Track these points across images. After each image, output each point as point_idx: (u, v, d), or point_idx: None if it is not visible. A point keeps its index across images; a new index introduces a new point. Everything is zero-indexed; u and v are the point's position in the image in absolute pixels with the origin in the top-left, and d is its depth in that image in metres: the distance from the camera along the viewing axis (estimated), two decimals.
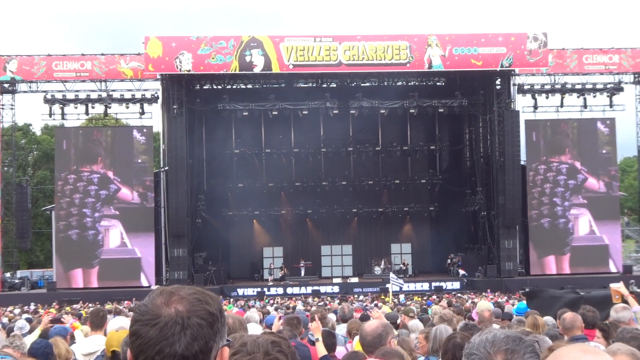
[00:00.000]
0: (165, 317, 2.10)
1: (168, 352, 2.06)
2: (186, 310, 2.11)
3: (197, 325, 2.09)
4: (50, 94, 51.72)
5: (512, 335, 2.56)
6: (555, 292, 14.75)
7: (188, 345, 2.07)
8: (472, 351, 2.53)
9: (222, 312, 2.21)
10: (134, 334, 2.14)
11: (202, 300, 2.16)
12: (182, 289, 2.22)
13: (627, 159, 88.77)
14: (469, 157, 56.36)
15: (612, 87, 53.62)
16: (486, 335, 2.58)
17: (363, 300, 38.36)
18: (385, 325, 6.54)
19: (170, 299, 2.15)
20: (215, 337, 2.13)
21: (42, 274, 61.49)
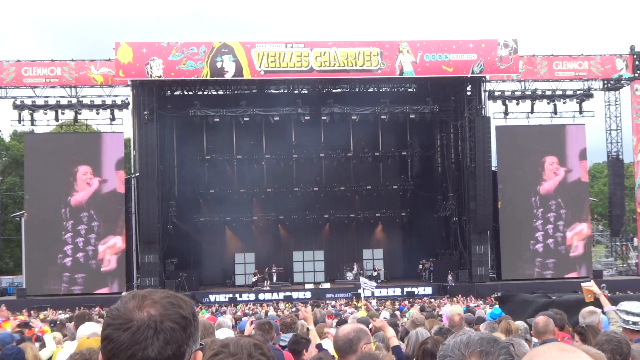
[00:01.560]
0: (137, 321, 2.07)
1: (141, 356, 2.04)
2: (159, 314, 2.09)
3: (170, 329, 2.07)
4: (19, 100, 51.36)
5: (487, 337, 2.56)
6: (527, 297, 14.85)
7: (161, 349, 2.04)
8: (446, 353, 2.53)
9: (195, 316, 2.19)
10: (106, 338, 2.11)
11: (175, 304, 2.14)
12: (155, 292, 2.19)
13: (597, 164, 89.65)
14: (440, 163, 56.55)
15: (582, 94, 54.04)
16: (460, 337, 2.58)
17: (335, 305, 38.34)
18: (358, 330, 6.51)
19: (142, 303, 2.12)
20: (189, 341, 2.11)
21: (11, 280, 60.98)
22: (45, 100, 51.65)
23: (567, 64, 53.96)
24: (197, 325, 2.19)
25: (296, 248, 58.18)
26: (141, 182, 48.58)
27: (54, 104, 51.58)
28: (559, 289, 40.95)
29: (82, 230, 49.97)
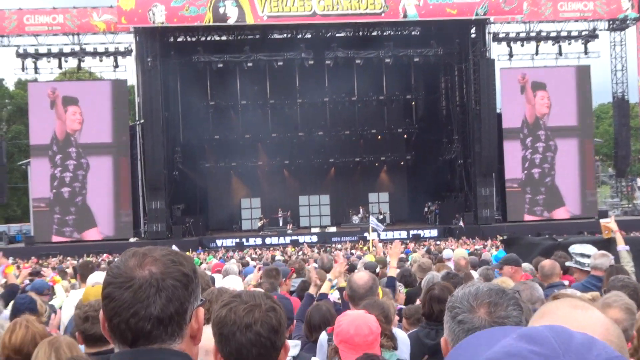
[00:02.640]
0: (139, 280, 2.09)
1: (143, 314, 2.06)
2: (160, 272, 2.11)
3: (171, 286, 2.09)
4: (22, 49, 51.16)
5: (495, 288, 2.62)
6: (533, 239, 14.87)
7: (163, 307, 2.06)
8: (455, 304, 2.59)
9: (196, 272, 2.21)
10: (107, 297, 2.12)
11: (176, 261, 2.15)
12: (155, 250, 2.20)
13: (602, 105, 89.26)
14: (444, 106, 56.28)
15: (587, 34, 53.64)
16: (469, 288, 2.63)
17: (341, 248, 38.49)
18: (374, 277, 6.62)
19: (143, 261, 2.14)
20: (190, 298, 2.13)
21: (19, 228, 61.27)
22: (48, 48, 51.47)
23: (572, 4, 53.49)
24: (198, 282, 2.21)
25: (302, 193, 58.28)
26: (146, 129, 48.50)
27: (57, 51, 51.40)
28: (566, 230, 41.06)
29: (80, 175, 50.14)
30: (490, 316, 2.49)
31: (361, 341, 4.53)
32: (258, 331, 2.94)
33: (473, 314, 2.51)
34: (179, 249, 16.77)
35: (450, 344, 2.56)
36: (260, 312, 2.99)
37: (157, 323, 2.07)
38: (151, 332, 2.07)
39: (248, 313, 2.98)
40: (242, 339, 2.93)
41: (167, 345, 2.10)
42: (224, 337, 2.94)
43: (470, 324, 2.49)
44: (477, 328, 2.46)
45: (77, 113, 50.32)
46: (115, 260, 2.57)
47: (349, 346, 4.55)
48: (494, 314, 2.50)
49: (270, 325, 2.98)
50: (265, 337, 2.94)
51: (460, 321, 2.52)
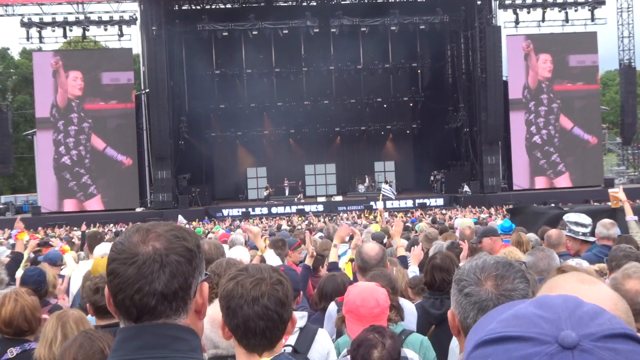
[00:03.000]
0: (143, 255, 2.09)
1: (148, 290, 2.06)
2: (164, 247, 2.10)
3: (175, 262, 2.08)
4: (26, 17, 51.08)
5: (502, 261, 2.62)
6: (538, 208, 14.90)
7: (167, 282, 2.06)
8: (462, 277, 2.59)
9: (199, 247, 2.20)
10: (112, 273, 2.12)
11: (179, 236, 2.14)
12: (159, 225, 2.19)
13: (609, 72, 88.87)
14: (450, 74, 56.13)
15: (594, 1, 53.29)
16: (476, 261, 2.63)
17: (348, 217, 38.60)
18: (383, 249, 6.66)
19: (147, 237, 2.13)
20: (194, 273, 2.13)
21: (26, 198, 61.49)
22: (52, 17, 51.36)
23: None
24: (202, 257, 2.20)
25: (308, 162, 58.29)
26: (151, 98, 48.49)
27: (62, 20, 51.30)
28: (572, 199, 41.08)
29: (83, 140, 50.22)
30: (497, 289, 2.50)
31: (367, 313, 4.55)
32: (265, 304, 2.96)
33: (480, 287, 2.52)
34: (185, 219, 16.93)
35: (457, 317, 2.57)
36: (267, 285, 3.02)
37: (161, 298, 2.07)
38: (155, 307, 2.07)
39: (255, 286, 3.01)
40: (250, 312, 2.95)
41: (171, 320, 2.10)
42: (231, 310, 2.96)
43: (477, 297, 2.50)
44: (484, 301, 2.47)
45: (78, 79, 50.22)
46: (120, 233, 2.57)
47: (355, 317, 4.57)
48: (501, 286, 2.50)
49: (277, 298, 3.00)
50: (272, 310, 2.97)
51: (467, 294, 2.53)
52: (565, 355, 1.19)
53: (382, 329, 4.15)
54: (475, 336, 1.34)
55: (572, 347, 1.19)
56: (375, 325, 4.21)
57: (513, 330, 1.26)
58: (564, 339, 1.20)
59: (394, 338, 4.11)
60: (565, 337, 1.20)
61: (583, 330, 1.22)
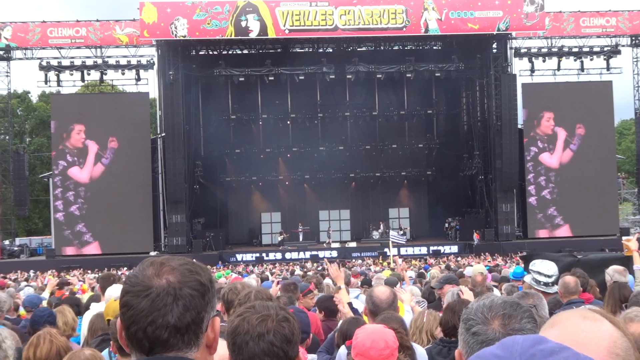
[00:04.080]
0: (157, 288, 2.10)
1: (161, 322, 2.07)
2: (177, 281, 2.11)
3: (189, 295, 2.09)
4: (45, 61, 51.63)
5: (510, 300, 2.60)
6: (552, 255, 14.78)
7: (180, 315, 2.07)
8: (469, 316, 2.57)
9: (212, 282, 2.21)
10: (125, 305, 2.13)
11: (193, 271, 2.16)
12: (173, 259, 2.21)
13: (624, 121, 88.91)
14: (466, 121, 56.32)
15: (609, 50, 53.52)
16: (484, 300, 2.62)
17: (362, 264, 38.47)
18: (394, 292, 6.65)
19: (161, 270, 2.14)
20: (207, 308, 2.13)
21: (40, 241, 61.60)
22: (71, 61, 51.89)
23: (595, 20, 53.43)
24: (214, 292, 2.21)
25: (322, 207, 58.20)
26: (167, 142, 48.74)
27: (80, 64, 51.84)
28: (586, 247, 40.84)
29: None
30: (505, 328, 2.48)
31: (377, 355, 4.52)
32: (271, 340, 2.96)
33: (487, 326, 2.50)
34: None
35: (464, 356, 2.55)
36: (273, 322, 3.02)
37: (174, 331, 2.08)
38: (168, 340, 2.08)
39: (261, 322, 3.01)
40: (255, 349, 2.95)
41: (183, 353, 2.10)
42: (237, 346, 2.96)
43: (485, 336, 2.48)
44: (491, 340, 2.45)
45: (81, 132, 50.55)
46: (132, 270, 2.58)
47: (365, 359, 4.54)
48: (508, 326, 2.49)
49: (282, 335, 2.99)
50: (277, 347, 2.96)
51: (475, 333, 2.51)
52: None
53: None
54: None
55: None
56: None
57: None
58: None
59: None
60: None
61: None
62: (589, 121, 52.44)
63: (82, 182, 50.28)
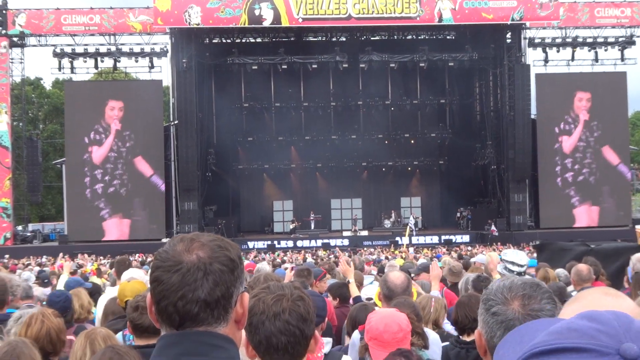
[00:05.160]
0: (187, 264, 2.11)
1: (191, 297, 2.08)
2: (207, 256, 2.12)
3: (219, 271, 2.10)
4: (59, 48, 51.67)
5: (529, 281, 2.61)
6: (565, 245, 14.77)
7: (210, 290, 2.08)
8: (489, 297, 2.58)
9: (241, 258, 2.23)
10: (156, 280, 2.14)
11: (222, 246, 2.17)
12: (202, 236, 2.22)
13: (638, 112, 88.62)
14: (479, 111, 56.18)
15: (624, 41, 53.27)
16: (504, 281, 2.63)
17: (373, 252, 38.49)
18: (409, 278, 6.66)
19: (191, 246, 2.15)
20: (236, 283, 2.15)
21: (53, 227, 61.78)
22: (84, 48, 51.92)
23: (609, 10, 53.17)
24: (243, 268, 2.22)
25: (334, 196, 58.19)
26: (180, 130, 48.80)
27: (94, 51, 51.84)
28: (599, 237, 40.73)
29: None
30: (524, 309, 2.49)
31: (390, 338, 4.52)
32: (287, 319, 2.98)
33: (507, 306, 2.51)
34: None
35: (484, 336, 2.56)
36: (288, 301, 3.04)
37: (204, 306, 2.09)
38: (198, 314, 2.10)
39: (276, 302, 3.04)
40: (271, 328, 2.97)
41: (212, 328, 2.12)
42: (253, 326, 2.98)
43: (504, 316, 2.49)
44: (510, 320, 2.46)
45: (116, 108, 50.71)
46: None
47: (379, 343, 4.55)
48: (528, 306, 2.50)
49: (298, 314, 3.02)
50: (294, 326, 2.98)
51: (495, 313, 2.52)
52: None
53: (409, 353, 4.13)
54: (515, 349, 1.33)
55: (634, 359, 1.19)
56: (402, 349, 4.20)
57: (572, 342, 1.25)
58: (626, 351, 1.20)
59: None
60: (628, 349, 1.20)
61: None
62: (603, 112, 52.27)
63: (97, 164, 50.46)
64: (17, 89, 54.92)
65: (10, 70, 52.63)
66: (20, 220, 56.51)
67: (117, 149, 50.64)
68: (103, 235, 50.26)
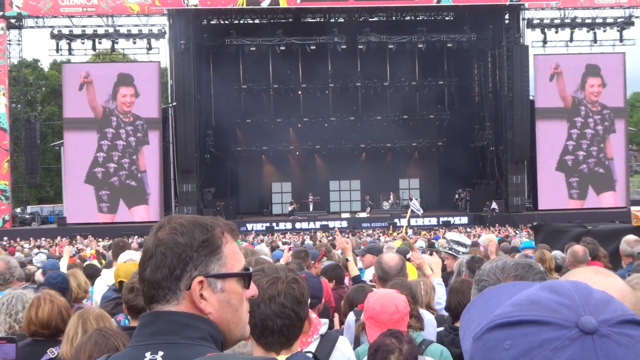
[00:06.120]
0: (146, 246, 2.21)
1: (142, 277, 2.19)
2: (159, 239, 2.17)
3: (161, 254, 2.14)
4: (56, 30, 51.52)
5: (522, 262, 2.62)
6: (561, 226, 14.81)
7: (152, 272, 2.14)
8: (482, 277, 2.59)
9: (205, 242, 2.18)
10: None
11: (178, 231, 2.17)
12: (178, 218, 2.24)
13: (637, 93, 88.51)
14: (477, 93, 56.08)
15: (623, 22, 53.12)
16: (496, 262, 2.64)
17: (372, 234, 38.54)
18: (403, 259, 6.66)
19: (159, 228, 2.21)
20: (186, 267, 2.14)
21: (52, 209, 61.83)
22: (82, 30, 51.76)
23: None
24: (203, 251, 2.18)
25: (332, 177, 58.21)
26: (178, 111, 48.75)
27: (91, 33, 51.69)
28: (596, 218, 40.78)
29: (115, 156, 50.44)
30: None
31: (386, 318, 4.54)
32: (282, 302, 3.01)
33: None
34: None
35: None
36: (283, 284, 3.07)
37: (149, 286, 2.16)
38: (149, 293, 2.17)
39: (271, 285, 3.06)
40: (267, 311, 3.00)
41: (161, 306, 2.16)
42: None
43: None
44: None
45: (127, 95, 50.56)
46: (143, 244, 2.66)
47: (375, 323, 4.57)
48: None
49: (293, 297, 3.04)
50: (289, 308, 3.01)
51: None
52: (586, 340, 1.20)
53: (400, 334, 4.14)
54: (480, 315, 1.35)
55: (592, 333, 1.21)
56: (392, 330, 4.21)
57: (533, 315, 1.26)
58: (585, 325, 1.21)
59: (411, 343, 4.10)
60: (586, 322, 1.21)
61: (600, 316, 1.24)
62: (601, 93, 52.20)
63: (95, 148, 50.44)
64: (14, 71, 54.80)
65: (8, 52, 52.46)
66: (18, 203, 56.49)
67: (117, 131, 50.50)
68: (100, 210, 50.21)
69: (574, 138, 52.12)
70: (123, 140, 50.40)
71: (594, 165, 52.22)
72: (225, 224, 2.30)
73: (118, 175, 50.30)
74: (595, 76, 52.35)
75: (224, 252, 2.23)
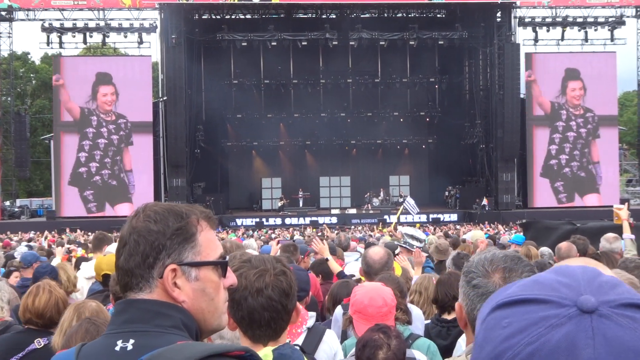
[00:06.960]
0: (122, 233, 2.20)
1: (117, 264, 2.19)
2: (133, 227, 2.16)
3: (133, 241, 2.13)
4: (47, 23, 51.38)
5: (511, 254, 2.61)
6: (551, 223, 14.85)
7: (125, 260, 2.14)
8: (470, 269, 2.58)
9: (179, 229, 2.16)
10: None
11: (151, 218, 2.17)
12: (153, 206, 2.23)
13: (627, 93, 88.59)
14: (468, 90, 56.11)
15: (614, 21, 53.26)
16: (485, 254, 2.63)
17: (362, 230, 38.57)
18: (389, 253, 6.64)
19: (135, 215, 2.20)
20: (158, 255, 2.12)
21: (41, 202, 61.68)
22: (73, 23, 51.67)
23: None
24: (177, 239, 2.16)
25: (323, 173, 58.21)
26: (169, 106, 48.65)
27: (82, 26, 51.58)
28: (585, 216, 40.86)
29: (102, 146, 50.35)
30: (505, 281, 2.49)
31: (374, 312, 4.53)
32: (269, 295, 2.99)
33: (488, 279, 2.52)
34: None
35: (464, 309, 2.56)
36: (271, 277, 3.05)
37: (122, 273, 2.16)
38: (122, 280, 2.16)
39: (259, 278, 3.03)
40: (254, 304, 2.98)
41: (134, 294, 2.15)
42: (235, 302, 2.97)
43: (485, 289, 2.49)
44: (491, 292, 2.46)
45: (107, 94, 50.41)
46: None
47: (362, 316, 4.55)
48: (509, 279, 2.50)
49: (281, 289, 3.02)
50: (276, 301, 2.99)
51: (475, 285, 2.52)
52: (584, 319, 1.20)
53: (388, 329, 4.12)
54: (491, 302, 1.35)
55: (590, 312, 1.20)
56: (380, 325, 4.19)
57: (532, 294, 1.27)
58: (583, 303, 1.21)
59: (399, 338, 4.09)
60: (585, 301, 1.21)
61: (602, 297, 1.23)
62: (592, 92, 52.34)
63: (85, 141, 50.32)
64: (5, 64, 54.67)
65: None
66: (8, 196, 56.39)
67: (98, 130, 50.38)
68: (90, 211, 50.14)
69: (556, 142, 52.31)
70: (105, 138, 50.26)
71: (577, 169, 52.36)
72: (201, 212, 2.27)
73: (100, 174, 50.18)
74: (575, 80, 52.52)
75: (199, 240, 2.19)
